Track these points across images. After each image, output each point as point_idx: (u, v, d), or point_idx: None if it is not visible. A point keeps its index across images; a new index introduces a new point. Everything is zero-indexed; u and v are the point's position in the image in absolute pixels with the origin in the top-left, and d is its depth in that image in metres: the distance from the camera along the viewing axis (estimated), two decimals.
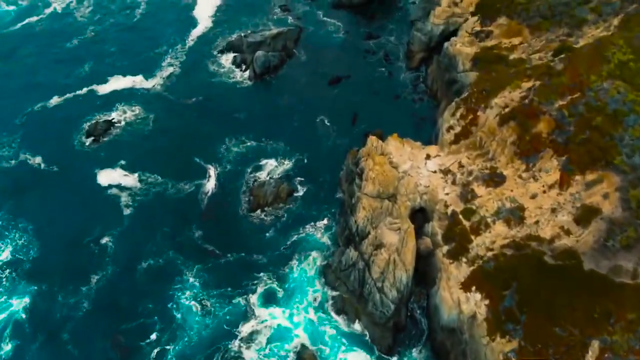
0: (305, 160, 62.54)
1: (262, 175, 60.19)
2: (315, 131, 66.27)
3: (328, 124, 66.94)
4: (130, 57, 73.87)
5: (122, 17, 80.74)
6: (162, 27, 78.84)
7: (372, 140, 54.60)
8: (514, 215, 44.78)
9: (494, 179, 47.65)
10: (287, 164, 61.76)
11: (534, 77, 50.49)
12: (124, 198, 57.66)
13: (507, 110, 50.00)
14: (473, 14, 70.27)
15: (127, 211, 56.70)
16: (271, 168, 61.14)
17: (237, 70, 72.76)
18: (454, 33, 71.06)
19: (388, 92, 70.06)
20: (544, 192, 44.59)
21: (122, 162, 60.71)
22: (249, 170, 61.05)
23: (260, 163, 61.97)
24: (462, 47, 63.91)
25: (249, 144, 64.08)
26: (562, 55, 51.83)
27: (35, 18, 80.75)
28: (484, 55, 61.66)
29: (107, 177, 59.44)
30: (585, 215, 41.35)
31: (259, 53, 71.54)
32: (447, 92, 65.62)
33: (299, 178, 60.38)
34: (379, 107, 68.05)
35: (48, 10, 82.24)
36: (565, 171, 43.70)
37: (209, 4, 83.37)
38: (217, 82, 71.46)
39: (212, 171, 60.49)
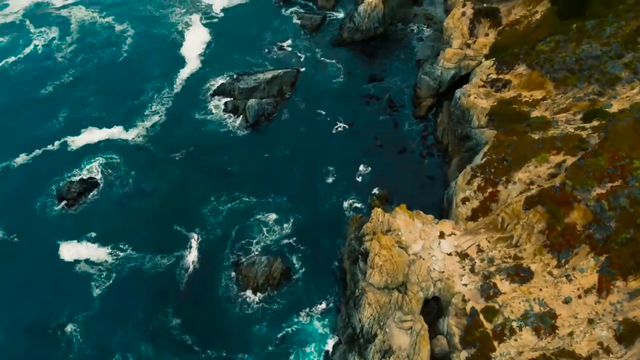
0: (303, 222, 56.40)
1: (253, 244, 53.74)
2: (315, 187, 60.06)
3: (328, 179, 60.73)
4: (111, 104, 67.20)
5: (106, 57, 74.17)
6: (148, 68, 72.41)
7: (378, 213, 48.04)
8: (544, 322, 38.21)
9: (520, 274, 41.08)
10: (283, 228, 55.59)
11: (563, 151, 43.99)
12: (94, 275, 51.15)
13: (532, 189, 43.61)
14: (487, 57, 64.14)
15: (96, 291, 50.15)
16: (263, 236, 54.74)
17: (228, 118, 66.34)
18: (466, 77, 64.91)
19: (393, 144, 63.69)
20: (579, 297, 38.00)
21: (93, 233, 54.08)
22: (237, 236, 54.62)
23: (252, 225, 55.76)
24: (476, 100, 57.49)
25: (240, 202, 57.89)
26: (595, 123, 45.41)
27: (12, 59, 74.13)
28: (502, 110, 55.31)
29: (73, 251, 52.74)
30: (628, 332, 34.81)
31: (252, 102, 65.10)
32: (460, 148, 59.25)
33: (294, 245, 54.16)
34: (384, 161, 61.82)
35: (28, 49, 75.65)
36: (604, 274, 37.15)
37: (198, 40, 77.15)
38: (207, 132, 65.07)
39: (194, 240, 54.00)
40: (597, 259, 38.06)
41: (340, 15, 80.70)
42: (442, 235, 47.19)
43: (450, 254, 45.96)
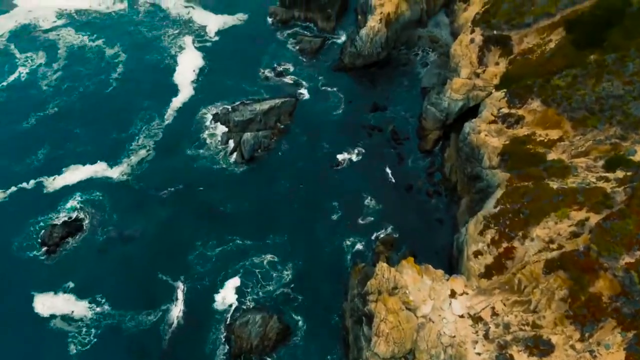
0: (302, 268, 52.88)
1: (247, 295, 49.98)
2: (315, 227, 56.40)
3: (330, 218, 57.05)
4: (97, 138, 63.14)
5: (94, 85, 69.99)
6: (137, 97, 68.34)
7: (383, 269, 44.00)
8: None
9: (539, 346, 37.16)
10: (281, 276, 52.02)
11: (586, 207, 40.07)
12: (71, 332, 47.42)
13: (553, 248, 39.69)
14: (497, 87, 60.17)
15: (73, 349, 46.42)
16: (258, 285, 51.07)
17: (222, 152, 62.47)
18: (475, 108, 60.97)
19: (398, 180, 59.95)
20: None
21: (71, 283, 50.42)
22: (229, 286, 50.85)
23: (246, 273, 52.05)
24: (487, 138, 53.62)
25: (233, 245, 54.21)
26: (620, 175, 41.56)
27: None
28: (515, 150, 51.39)
29: (49, 304, 49.05)
30: None
31: (247, 136, 61.25)
32: (470, 188, 55.39)
33: (292, 296, 50.49)
34: (389, 200, 58.16)
35: (12, 77, 71.43)
36: (632, 353, 33.35)
37: (191, 66, 73.12)
38: (199, 168, 61.19)
39: (180, 291, 50.28)
40: (625, 335, 34.16)
41: (341, 38, 76.52)
42: (453, 294, 43.15)
43: (462, 316, 42.06)
